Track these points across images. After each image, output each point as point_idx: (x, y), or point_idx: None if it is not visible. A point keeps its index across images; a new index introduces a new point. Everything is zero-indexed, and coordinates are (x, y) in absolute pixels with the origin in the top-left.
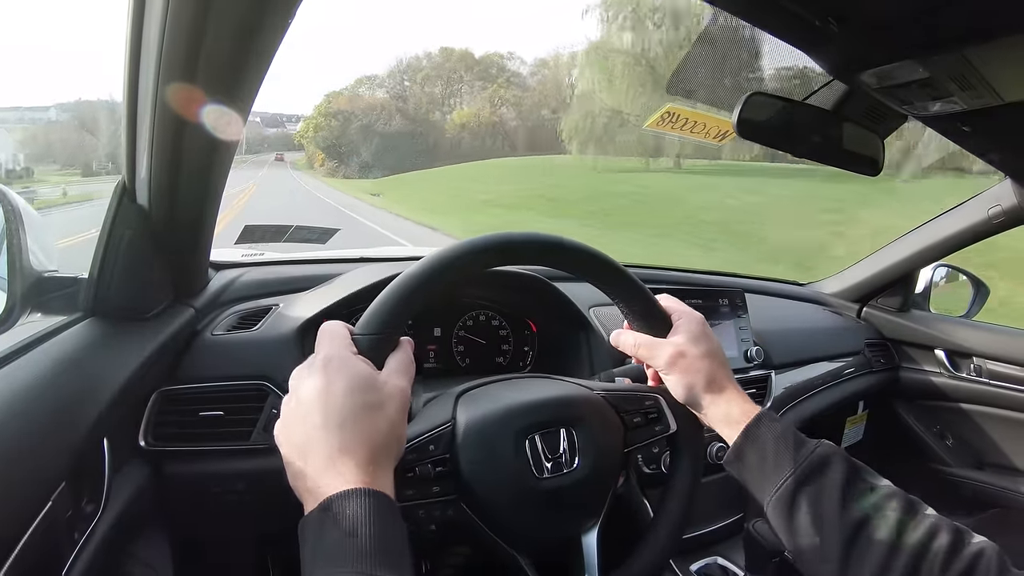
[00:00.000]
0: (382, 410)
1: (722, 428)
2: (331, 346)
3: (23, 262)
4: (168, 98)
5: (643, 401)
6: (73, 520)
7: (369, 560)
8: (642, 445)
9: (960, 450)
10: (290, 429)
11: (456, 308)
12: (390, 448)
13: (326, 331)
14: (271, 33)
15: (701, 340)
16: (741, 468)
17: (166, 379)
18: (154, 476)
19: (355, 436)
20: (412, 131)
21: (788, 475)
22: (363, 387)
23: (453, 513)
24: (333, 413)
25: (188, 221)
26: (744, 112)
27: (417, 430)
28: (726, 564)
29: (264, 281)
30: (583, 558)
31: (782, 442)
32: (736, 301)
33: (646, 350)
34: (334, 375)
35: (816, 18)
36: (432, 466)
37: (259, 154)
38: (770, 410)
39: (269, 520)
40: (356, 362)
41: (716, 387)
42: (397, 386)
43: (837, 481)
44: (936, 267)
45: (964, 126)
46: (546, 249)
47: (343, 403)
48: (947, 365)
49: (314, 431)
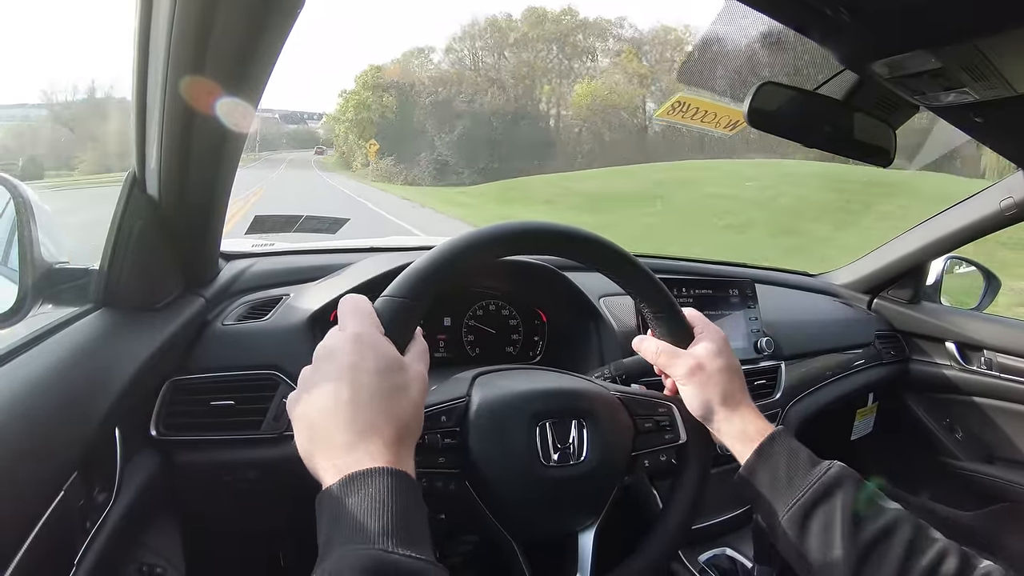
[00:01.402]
0: (407, 392)
1: (735, 444)
2: (360, 323)
3: (34, 254)
4: (177, 88)
5: (656, 408)
6: (85, 509)
7: (391, 538)
8: (650, 451)
9: (970, 443)
10: (312, 402)
11: (466, 297)
12: (413, 430)
13: (351, 305)
14: (281, 17)
15: (721, 355)
16: (752, 486)
17: (177, 369)
18: (165, 465)
19: (383, 415)
20: (516, 112)
21: (800, 495)
22: (392, 367)
23: (455, 488)
24: (363, 390)
25: (198, 211)
26: (755, 102)
27: (431, 400)
28: (734, 555)
29: (274, 271)
30: (577, 556)
31: (795, 462)
32: (746, 291)
33: (666, 358)
34: (366, 352)
35: (828, 7)
36: (441, 437)
37: (277, 151)
38: (783, 429)
39: (280, 510)
40: (385, 342)
41: (732, 403)
42: (419, 371)
43: (848, 503)
44: (947, 259)
45: (976, 117)
46: (582, 247)
47: (372, 381)
48: (957, 358)
49: (342, 405)
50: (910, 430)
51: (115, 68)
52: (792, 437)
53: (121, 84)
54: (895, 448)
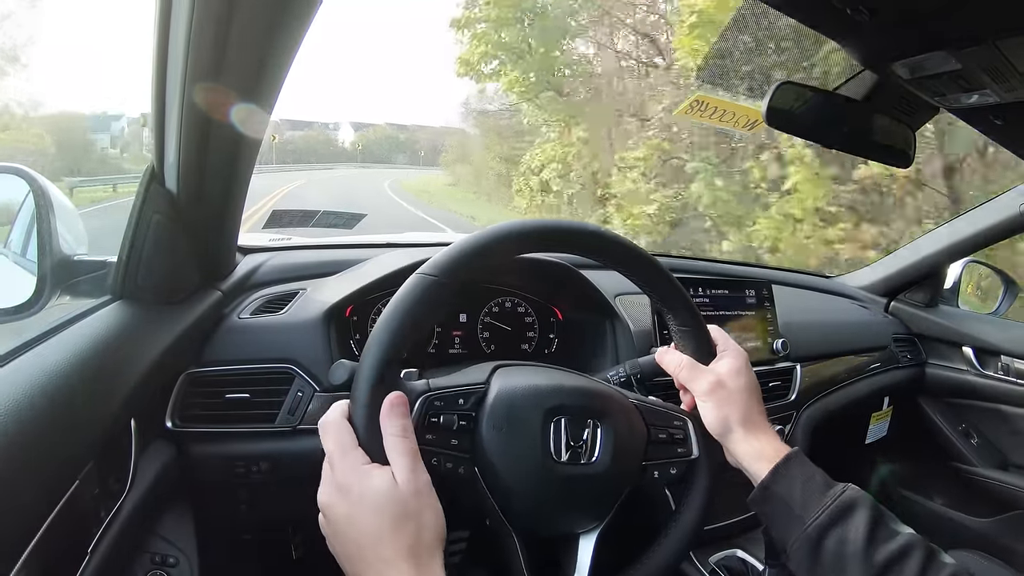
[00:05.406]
0: (409, 517)
1: (751, 464)
2: (342, 465)
3: (53, 245)
4: (196, 82)
5: (672, 420)
6: (100, 498)
7: None
8: (660, 462)
9: (985, 449)
10: (336, 546)
11: (482, 294)
12: (430, 543)
13: (331, 435)
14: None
15: (742, 374)
16: (767, 507)
17: (193, 361)
18: (179, 457)
19: (391, 549)
20: None
21: (815, 518)
22: (385, 504)
23: (464, 472)
24: (366, 535)
25: (216, 205)
26: (773, 101)
27: (451, 382)
28: (745, 557)
29: (291, 265)
30: (576, 559)
31: (810, 484)
32: (762, 292)
33: (688, 372)
34: (357, 501)
35: (847, 7)
36: (457, 418)
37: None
38: (798, 451)
39: (293, 502)
40: (372, 479)
41: (750, 423)
42: (413, 488)
43: (862, 526)
44: (966, 263)
45: (996, 119)
46: (621, 256)
47: (372, 524)
48: (974, 363)
49: (355, 549)
50: (925, 435)
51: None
52: (807, 459)
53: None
54: (909, 452)
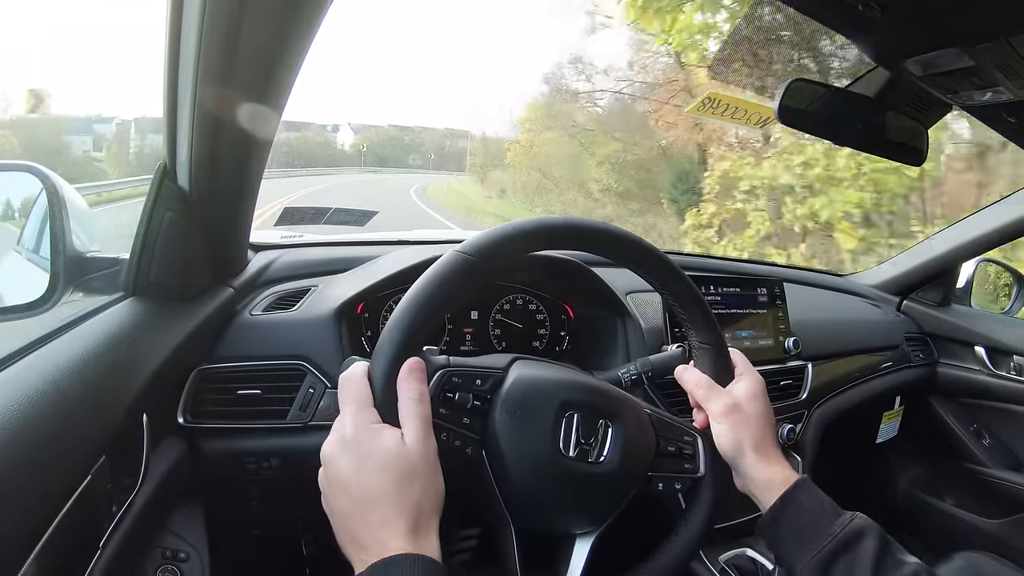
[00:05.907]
0: (414, 479)
1: (760, 490)
2: (355, 420)
3: (65, 242)
4: (208, 80)
5: (682, 435)
6: (111, 493)
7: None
8: (665, 476)
9: (997, 450)
10: (332, 502)
11: (493, 292)
12: (429, 511)
13: (348, 390)
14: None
15: (758, 399)
16: (775, 533)
17: (205, 358)
18: (190, 452)
19: (393, 509)
20: None
21: (823, 545)
22: (392, 462)
23: (472, 453)
24: (369, 492)
25: (228, 202)
26: (786, 99)
27: (471, 362)
28: (755, 556)
29: (303, 262)
30: (570, 560)
31: (819, 511)
32: (774, 291)
33: (704, 391)
34: (364, 456)
35: (860, 3)
36: (472, 397)
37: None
38: (807, 478)
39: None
40: (381, 437)
41: (762, 449)
42: (422, 451)
43: (869, 555)
44: (979, 261)
45: (1010, 117)
46: (651, 267)
47: (376, 482)
48: (987, 362)
49: (353, 505)
50: (937, 434)
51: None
52: (815, 486)
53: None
54: (921, 452)
